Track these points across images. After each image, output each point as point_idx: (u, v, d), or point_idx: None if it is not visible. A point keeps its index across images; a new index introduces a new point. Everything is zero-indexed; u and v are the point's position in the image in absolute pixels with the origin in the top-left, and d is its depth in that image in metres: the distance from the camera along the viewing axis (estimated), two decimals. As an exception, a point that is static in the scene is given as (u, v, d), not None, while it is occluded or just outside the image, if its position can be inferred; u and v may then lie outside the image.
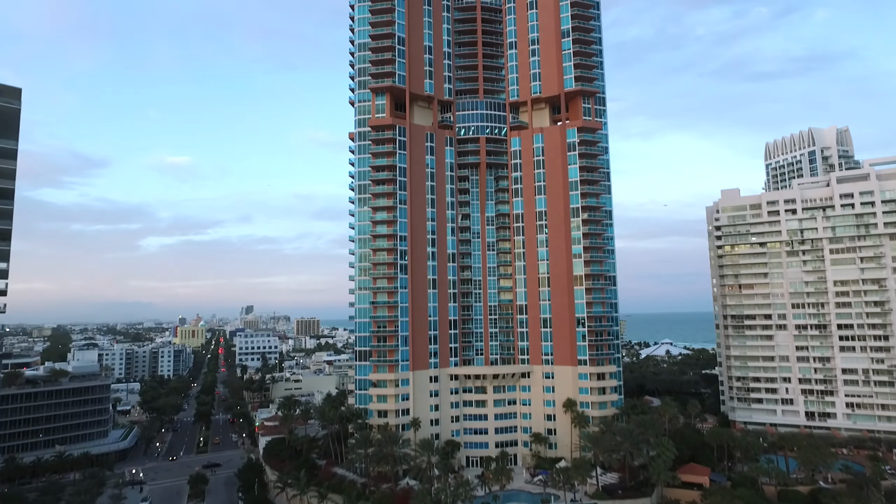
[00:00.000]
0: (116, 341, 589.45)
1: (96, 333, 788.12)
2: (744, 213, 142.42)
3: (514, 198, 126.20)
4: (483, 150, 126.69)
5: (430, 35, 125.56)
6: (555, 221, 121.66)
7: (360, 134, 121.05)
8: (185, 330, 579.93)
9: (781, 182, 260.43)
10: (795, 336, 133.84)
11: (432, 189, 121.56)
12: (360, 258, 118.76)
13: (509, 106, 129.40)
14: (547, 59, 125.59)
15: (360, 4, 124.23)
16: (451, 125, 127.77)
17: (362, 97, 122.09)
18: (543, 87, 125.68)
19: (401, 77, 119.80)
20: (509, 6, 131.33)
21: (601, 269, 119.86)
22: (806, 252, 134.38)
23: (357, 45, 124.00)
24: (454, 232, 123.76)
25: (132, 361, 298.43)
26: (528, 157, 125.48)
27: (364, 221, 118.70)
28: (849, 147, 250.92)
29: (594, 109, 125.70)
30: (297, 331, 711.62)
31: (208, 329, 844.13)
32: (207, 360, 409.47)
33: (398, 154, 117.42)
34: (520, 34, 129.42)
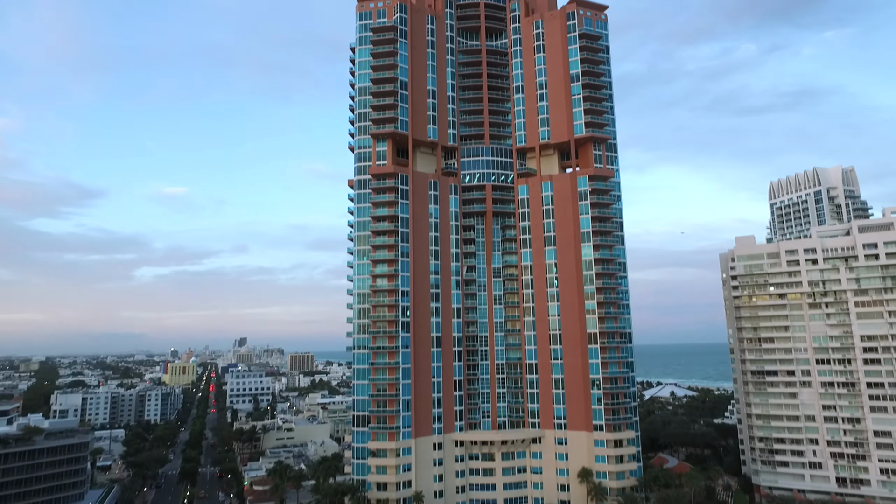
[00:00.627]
0: (104, 378, 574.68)
1: (85, 367, 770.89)
2: (761, 262, 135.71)
3: (522, 248, 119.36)
4: (489, 198, 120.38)
5: (433, 79, 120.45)
6: (566, 274, 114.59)
7: (360, 182, 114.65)
8: (175, 366, 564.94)
9: (787, 222, 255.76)
10: (822, 394, 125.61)
11: (436, 240, 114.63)
12: (358, 314, 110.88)
13: (516, 152, 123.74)
14: (555, 104, 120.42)
15: (361, 47, 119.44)
16: (455, 172, 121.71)
17: (363, 143, 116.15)
18: (552, 133, 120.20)
19: (403, 122, 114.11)
20: (515, 49, 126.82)
21: (616, 326, 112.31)
22: (829, 304, 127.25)
23: (357, 88, 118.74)
24: (459, 285, 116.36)
25: (118, 405, 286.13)
26: (537, 206, 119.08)
27: (363, 275, 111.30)
28: (855, 187, 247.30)
29: (605, 156, 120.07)
30: (291, 366, 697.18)
31: (200, 363, 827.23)
32: (198, 401, 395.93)
33: (400, 203, 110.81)
34: (527, 78, 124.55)
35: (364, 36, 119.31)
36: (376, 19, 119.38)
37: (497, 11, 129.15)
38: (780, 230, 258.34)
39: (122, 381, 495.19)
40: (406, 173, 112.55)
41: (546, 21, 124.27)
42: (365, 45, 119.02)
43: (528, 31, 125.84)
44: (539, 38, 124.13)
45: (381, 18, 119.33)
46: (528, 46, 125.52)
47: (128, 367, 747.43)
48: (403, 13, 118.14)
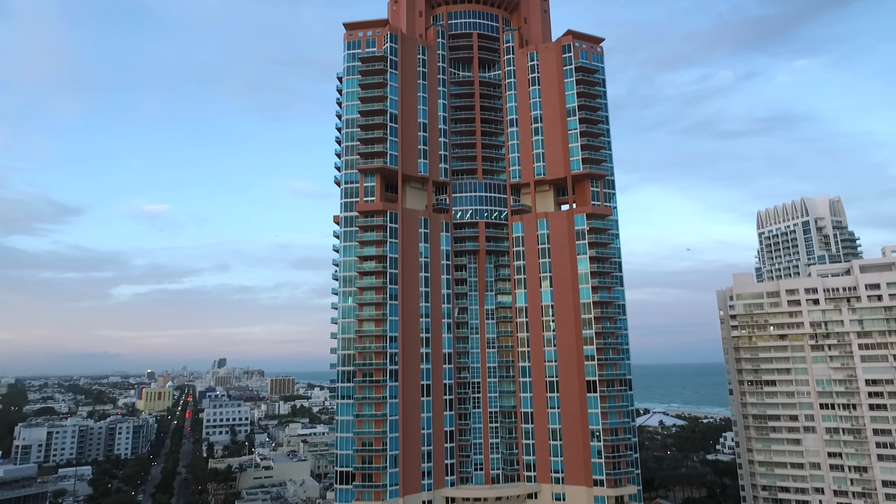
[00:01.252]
0: (76, 403, 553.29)
1: (56, 390, 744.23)
2: (761, 302, 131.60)
3: (516, 289, 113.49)
4: (482, 235, 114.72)
5: (424, 111, 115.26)
6: (563, 317, 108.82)
7: (347, 219, 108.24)
8: (150, 391, 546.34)
9: (776, 252, 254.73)
10: (827, 441, 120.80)
11: (426, 281, 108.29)
12: (342, 361, 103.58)
13: (510, 188, 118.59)
14: (551, 139, 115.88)
15: (349, 77, 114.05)
16: (446, 208, 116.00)
17: (349, 177, 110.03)
18: (548, 169, 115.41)
19: (393, 157, 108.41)
20: (509, 81, 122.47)
21: (616, 373, 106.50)
22: (832, 347, 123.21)
23: (345, 119, 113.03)
24: (450, 328, 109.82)
25: (86, 439, 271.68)
26: (532, 245, 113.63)
27: (348, 318, 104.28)
28: (842, 217, 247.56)
29: (602, 193, 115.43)
30: (271, 389, 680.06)
31: (177, 386, 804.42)
32: (172, 430, 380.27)
33: (389, 243, 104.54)
34: (521, 111, 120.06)
35: (352, 66, 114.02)
36: (365, 49, 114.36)
37: (490, 42, 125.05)
38: (769, 259, 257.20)
39: (94, 409, 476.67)
40: (395, 211, 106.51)
41: (541, 53, 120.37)
42: (353, 75, 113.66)
43: (522, 62, 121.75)
44: (534, 71, 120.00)
45: (370, 48, 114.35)
46: (522, 78, 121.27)
47: (101, 391, 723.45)
48: (394, 43, 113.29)
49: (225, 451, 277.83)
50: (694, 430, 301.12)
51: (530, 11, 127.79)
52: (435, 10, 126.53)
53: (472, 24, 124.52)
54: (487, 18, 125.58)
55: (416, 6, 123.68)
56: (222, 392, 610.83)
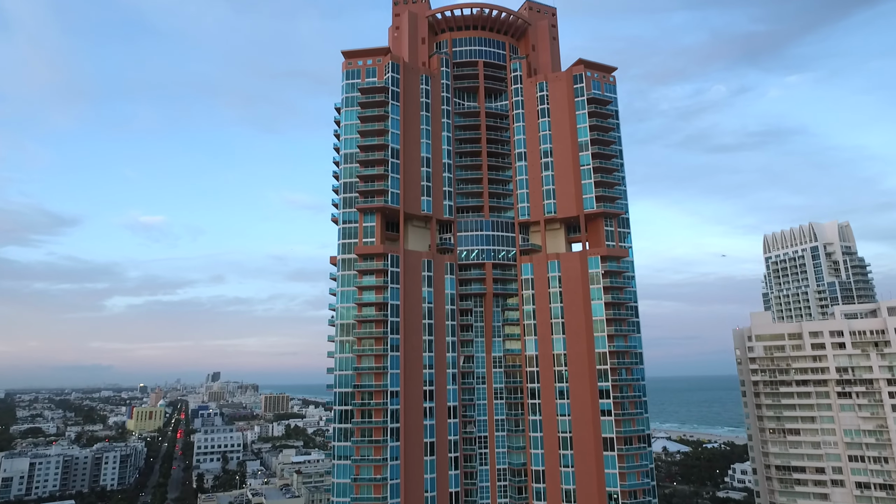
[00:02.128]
0: (65, 422, 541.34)
1: (45, 407, 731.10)
2: (783, 344, 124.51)
3: (526, 335, 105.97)
4: (489, 277, 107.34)
5: (427, 145, 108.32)
6: (576, 367, 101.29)
7: (344, 261, 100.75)
8: (141, 410, 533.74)
9: (784, 277, 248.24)
10: (857, 497, 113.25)
11: (429, 328, 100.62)
12: (339, 417, 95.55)
13: (518, 226, 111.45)
14: (562, 175, 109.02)
15: (348, 109, 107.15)
16: (451, 248, 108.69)
17: (348, 216, 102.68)
18: (559, 207, 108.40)
19: (394, 196, 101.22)
20: (517, 112, 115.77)
21: (634, 429, 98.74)
22: (860, 394, 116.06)
23: (343, 154, 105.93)
24: (455, 379, 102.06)
25: (70, 470, 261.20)
26: (543, 288, 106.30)
27: (346, 371, 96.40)
28: (851, 243, 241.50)
29: (617, 232, 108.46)
30: (265, 407, 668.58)
31: (169, 403, 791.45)
32: (163, 455, 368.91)
33: (390, 289, 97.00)
34: (530, 144, 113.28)
35: (351, 97, 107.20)
36: (365, 79, 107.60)
37: (497, 70, 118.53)
38: (777, 285, 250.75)
39: (83, 429, 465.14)
40: (397, 253, 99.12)
41: (551, 83, 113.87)
42: (352, 106, 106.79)
43: (530, 92, 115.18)
44: (543, 102, 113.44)
45: (370, 78, 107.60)
46: (531, 109, 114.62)
47: (91, 408, 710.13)
48: (395, 73, 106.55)
49: (216, 480, 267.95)
50: (699, 458, 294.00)
51: (538, 39, 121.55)
52: (438, 36, 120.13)
53: (477, 51, 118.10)
54: (493, 46, 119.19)
55: (418, 33, 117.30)
56: (215, 410, 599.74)
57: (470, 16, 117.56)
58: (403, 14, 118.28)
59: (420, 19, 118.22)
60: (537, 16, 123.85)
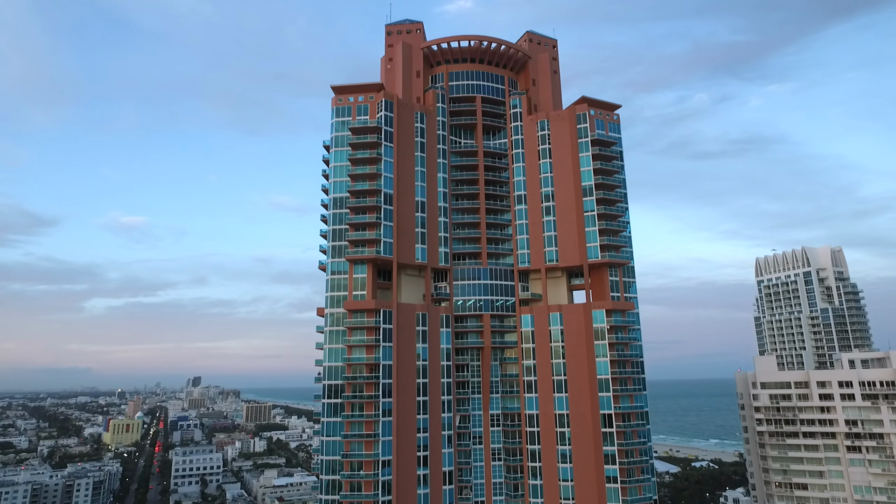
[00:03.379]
0: (37, 433, 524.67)
1: (18, 414, 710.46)
2: (789, 392, 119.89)
3: (525, 393, 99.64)
4: (487, 330, 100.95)
5: (422, 188, 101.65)
6: (580, 429, 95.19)
7: (333, 316, 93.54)
8: (118, 424, 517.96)
9: (776, 302, 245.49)
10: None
11: (424, 388, 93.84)
12: (326, 488, 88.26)
13: (518, 273, 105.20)
14: (564, 221, 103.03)
15: (337, 149, 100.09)
16: (447, 297, 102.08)
17: (336, 267, 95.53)
18: (561, 255, 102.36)
19: (387, 245, 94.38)
20: (517, 152, 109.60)
21: (640, 496, 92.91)
22: (871, 449, 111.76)
23: (332, 198, 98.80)
24: (450, 441, 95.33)
25: (39, 498, 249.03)
26: (544, 342, 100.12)
27: (333, 437, 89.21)
28: (843, 268, 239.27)
29: (622, 282, 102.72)
30: (247, 417, 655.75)
31: (148, 411, 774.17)
32: (139, 477, 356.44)
33: (382, 347, 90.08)
34: (530, 186, 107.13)
35: (341, 136, 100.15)
36: (356, 117, 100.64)
37: (495, 106, 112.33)
38: (769, 310, 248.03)
39: (57, 443, 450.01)
40: (389, 308, 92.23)
41: (552, 121, 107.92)
42: (341, 146, 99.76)
43: (531, 131, 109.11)
44: (544, 141, 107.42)
45: (361, 116, 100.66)
46: (531, 149, 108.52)
47: (67, 417, 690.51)
48: (389, 111, 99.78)
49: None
50: (688, 478, 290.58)
51: (539, 73, 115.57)
52: (434, 69, 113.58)
53: (475, 86, 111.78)
54: (492, 80, 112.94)
55: (412, 66, 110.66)
56: (195, 421, 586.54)
57: (467, 48, 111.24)
58: (397, 45, 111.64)
59: (415, 51, 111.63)
60: (538, 48, 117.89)
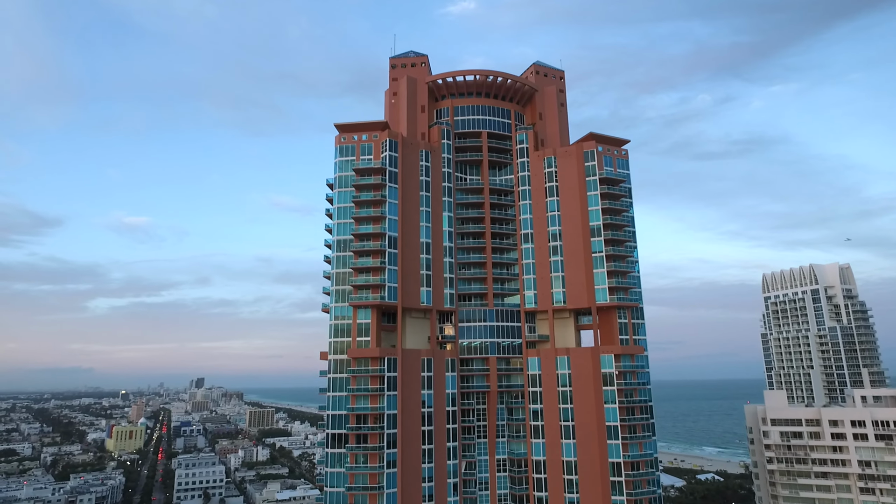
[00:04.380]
0: (41, 438, 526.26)
1: (22, 417, 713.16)
2: (800, 430, 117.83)
3: (532, 438, 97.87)
4: (493, 373, 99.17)
5: (427, 229, 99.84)
6: (588, 477, 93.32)
7: (336, 363, 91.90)
8: (121, 430, 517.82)
9: (784, 319, 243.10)
10: None
11: (429, 436, 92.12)
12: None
13: (524, 314, 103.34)
14: (572, 261, 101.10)
15: (342, 190, 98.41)
16: (452, 339, 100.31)
17: (340, 312, 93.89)
18: (569, 297, 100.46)
19: (392, 290, 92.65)
20: (523, 189, 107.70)
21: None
22: (885, 492, 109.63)
23: (335, 240, 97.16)
24: (456, 489, 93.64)
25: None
26: (551, 385, 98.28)
27: (337, 487, 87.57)
28: (852, 286, 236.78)
29: (631, 324, 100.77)
30: (249, 422, 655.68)
31: (151, 414, 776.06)
32: (142, 489, 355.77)
33: (386, 396, 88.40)
34: (537, 225, 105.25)
35: (344, 176, 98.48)
36: (360, 157, 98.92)
37: (501, 141, 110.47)
38: (776, 327, 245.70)
39: (60, 450, 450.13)
40: (394, 356, 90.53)
41: (559, 158, 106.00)
42: (345, 186, 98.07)
43: (537, 167, 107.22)
44: (551, 179, 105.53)
45: (365, 156, 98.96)
46: (538, 186, 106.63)
47: (70, 421, 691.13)
48: (393, 151, 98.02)
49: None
50: (693, 493, 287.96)
51: (546, 107, 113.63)
52: (439, 103, 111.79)
53: (480, 121, 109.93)
54: (498, 114, 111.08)
55: (417, 101, 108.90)
56: (198, 426, 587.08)
57: (473, 82, 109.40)
58: (402, 79, 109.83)
59: (419, 85, 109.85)
60: (544, 80, 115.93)
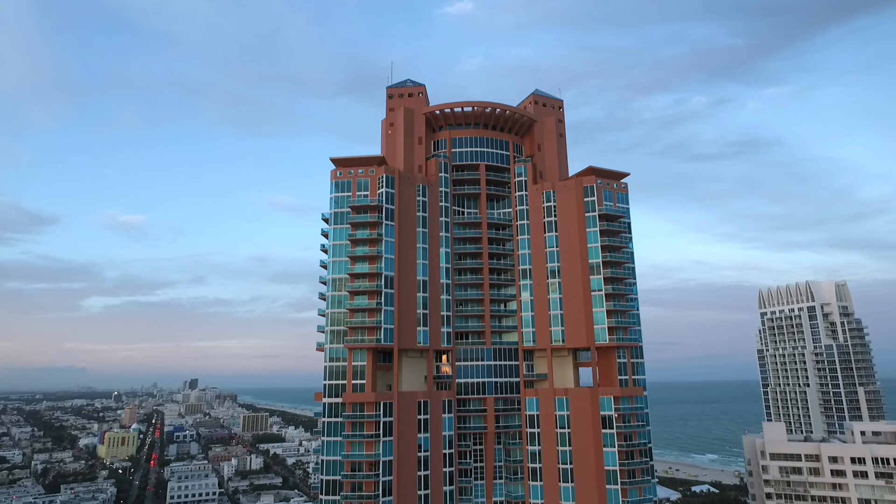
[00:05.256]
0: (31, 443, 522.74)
1: (13, 420, 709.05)
2: (799, 466, 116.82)
3: (530, 480, 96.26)
4: (491, 415, 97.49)
5: (424, 266, 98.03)
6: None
7: (331, 406, 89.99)
8: (113, 437, 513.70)
9: (780, 335, 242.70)
10: None
11: (425, 481, 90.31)
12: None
13: (523, 352, 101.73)
14: (571, 299, 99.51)
15: (337, 227, 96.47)
16: (449, 379, 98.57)
17: (335, 353, 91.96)
18: (567, 336, 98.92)
19: (387, 332, 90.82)
20: (521, 223, 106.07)
21: None
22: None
23: (330, 279, 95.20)
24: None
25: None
26: (549, 427, 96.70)
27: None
28: (848, 303, 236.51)
29: (630, 364, 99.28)
30: (243, 426, 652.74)
31: (144, 416, 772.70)
32: (133, 500, 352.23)
33: (382, 442, 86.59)
34: (535, 261, 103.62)
35: (340, 213, 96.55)
36: (356, 193, 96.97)
37: (499, 174, 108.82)
38: (773, 343, 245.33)
39: (51, 457, 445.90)
40: (390, 400, 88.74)
41: (558, 192, 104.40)
42: (341, 223, 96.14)
43: (536, 201, 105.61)
44: (550, 214, 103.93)
45: (361, 191, 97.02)
46: (536, 221, 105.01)
47: (62, 426, 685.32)
48: (390, 187, 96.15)
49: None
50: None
51: (545, 138, 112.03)
52: (436, 134, 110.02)
53: (478, 153, 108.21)
54: (496, 146, 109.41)
55: (414, 132, 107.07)
56: (191, 431, 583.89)
57: (471, 113, 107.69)
58: (399, 110, 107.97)
59: (417, 116, 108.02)
60: (543, 111, 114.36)
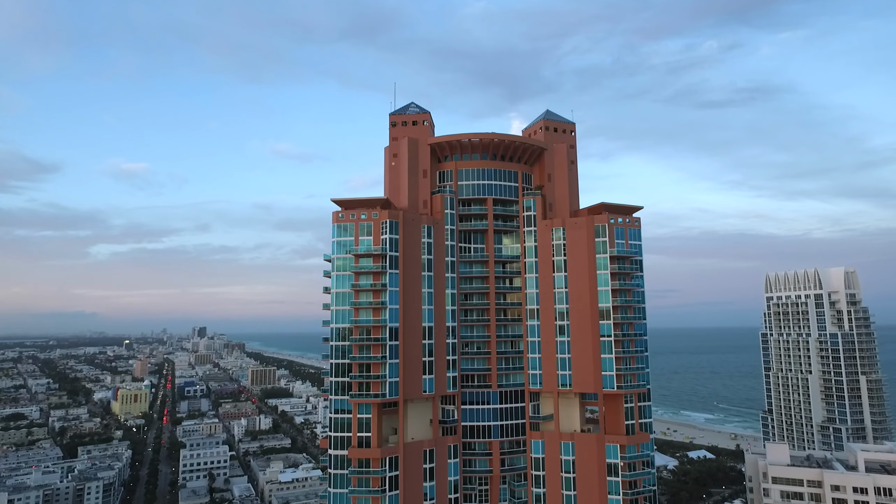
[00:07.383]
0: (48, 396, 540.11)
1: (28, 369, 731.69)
2: (801, 491, 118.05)
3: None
4: (496, 457, 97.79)
5: (430, 312, 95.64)
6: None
7: (337, 458, 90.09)
8: (126, 394, 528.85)
9: (785, 321, 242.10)
10: None
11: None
12: None
13: (529, 394, 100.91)
14: (580, 344, 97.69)
15: (340, 274, 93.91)
16: (454, 422, 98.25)
17: (339, 405, 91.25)
18: (574, 380, 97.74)
19: (392, 386, 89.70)
20: (530, 261, 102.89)
21: None
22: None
23: (333, 329, 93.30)
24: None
25: (52, 501, 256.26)
26: (554, 471, 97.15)
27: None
28: (856, 290, 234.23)
29: (637, 408, 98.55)
30: (252, 380, 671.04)
31: (156, 366, 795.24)
32: (148, 462, 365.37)
33: (388, 497, 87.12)
34: (543, 301, 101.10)
35: (343, 260, 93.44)
36: (358, 238, 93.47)
37: (508, 207, 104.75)
38: (777, 328, 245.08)
39: (67, 413, 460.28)
40: (396, 454, 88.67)
41: (569, 230, 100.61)
42: (343, 271, 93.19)
43: (545, 238, 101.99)
44: (560, 252, 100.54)
45: (364, 236, 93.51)
46: (545, 259, 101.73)
47: (76, 378, 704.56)
48: (394, 233, 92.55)
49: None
50: (686, 474, 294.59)
51: (556, 167, 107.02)
52: (442, 164, 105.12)
53: (485, 186, 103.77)
54: (504, 177, 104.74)
55: (419, 165, 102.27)
56: (201, 387, 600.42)
57: (478, 143, 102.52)
58: (402, 140, 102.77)
59: (421, 147, 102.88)
60: (554, 136, 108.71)
